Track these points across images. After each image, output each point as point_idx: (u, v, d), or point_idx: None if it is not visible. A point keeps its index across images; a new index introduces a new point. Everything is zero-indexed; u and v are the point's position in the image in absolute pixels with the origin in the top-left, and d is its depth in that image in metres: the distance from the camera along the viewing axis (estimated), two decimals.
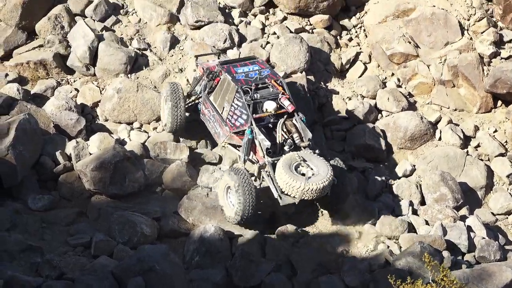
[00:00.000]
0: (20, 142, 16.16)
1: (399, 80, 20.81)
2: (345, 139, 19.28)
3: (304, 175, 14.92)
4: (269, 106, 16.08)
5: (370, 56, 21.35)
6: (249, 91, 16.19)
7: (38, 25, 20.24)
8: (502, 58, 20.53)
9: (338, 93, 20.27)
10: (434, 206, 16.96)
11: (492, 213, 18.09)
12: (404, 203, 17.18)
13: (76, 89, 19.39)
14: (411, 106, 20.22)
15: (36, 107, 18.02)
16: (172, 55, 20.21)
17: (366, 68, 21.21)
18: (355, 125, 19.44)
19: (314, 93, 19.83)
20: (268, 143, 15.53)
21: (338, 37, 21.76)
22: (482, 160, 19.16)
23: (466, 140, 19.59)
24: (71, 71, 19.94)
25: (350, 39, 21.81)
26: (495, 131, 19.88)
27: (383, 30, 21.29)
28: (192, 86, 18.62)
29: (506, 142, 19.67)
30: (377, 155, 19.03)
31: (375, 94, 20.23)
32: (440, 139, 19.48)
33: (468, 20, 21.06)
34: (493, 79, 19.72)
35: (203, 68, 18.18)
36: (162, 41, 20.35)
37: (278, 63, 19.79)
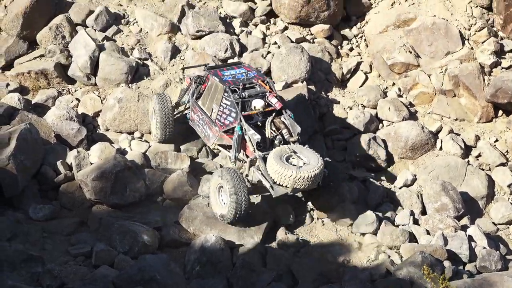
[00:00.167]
0: (21, 152, 16.14)
1: (400, 89, 20.84)
2: (346, 149, 19.28)
3: (296, 166, 15.11)
4: (257, 104, 16.27)
5: (371, 65, 21.39)
6: (236, 90, 16.44)
7: (39, 35, 20.29)
8: (503, 68, 20.56)
9: (339, 102, 20.29)
10: (435, 216, 16.93)
11: (493, 222, 18.06)
12: (405, 212, 17.14)
13: (77, 98, 19.41)
14: (412, 116, 20.24)
15: (37, 116, 18.01)
16: (173, 65, 20.23)
17: (367, 78, 21.25)
18: (356, 134, 19.44)
19: (315, 102, 19.84)
20: (258, 136, 15.76)
21: (339, 46, 21.82)
22: (483, 169, 19.16)
23: (467, 150, 19.58)
24: (72, 81, 19.96)
25: (351, 49, 21.86)
26: (496, 140, 19.89)
27: (384, 39, 21.34)
28: (179, 96, 18.70)
29: (507, 151, 19.67)
30: (378, 164, 19.02)
31: (376, 104, 20.26)
32: (441, 148, 19.48)
33: (469, 29, 21.10)
34: (494, 88, 19.73)
35: (190, 78, 18.36)
36: (163, 50, 20.38)
37: (279, 73, 19.85)
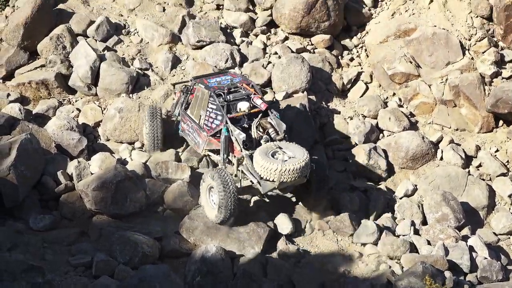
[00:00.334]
0: (22, 162, 16.15)
1: (400, 100, 20.84)
2: (346, 159, 19.27)
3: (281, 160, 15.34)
4: (242, 106, 16.61)
5: (371, 76, 21.41)
6: (222, 94, 16.76)
7: (40, 45, 20.33)
8: (503, 78, 20.57)
9: (339, 112, 20.29)
10: (436, 226, 16.92)
11: (494, 233, 18.03)
12: (406, 223, 17.13)
13: (77, 109, 19.42)
14: (413, 126, 20.24)
15: (38, 127, 18.04)
16: (174, 75, 20.25)
17: (367, 88, 21.26)
18: (357, 144, 19.44)
19: (315, 112, 19.86)
20: (244, 135, 16.06)
21: (340, 57, 21.84)
22: (483, 180, 19.14)
23: (468, 160, 19.58)
24: (72, 91, 19.98)
25: (352, 59, 21.88)
26: (497, 150, 19.88)
27: (384, 50, 21.36)
28: (171, 109, 18.87)
29: (507, 162, 19.67)
30: (378, 174, 19.01)
31: (376, 114, 20.26)
32: (441, 159, 19.48)
33: (469, 40, 21.12)
34: (494, 99, 19.73)
35: (179, 92, 18.55)
36: (164, 61, 20.40)
37: (280, 83, 19.89)
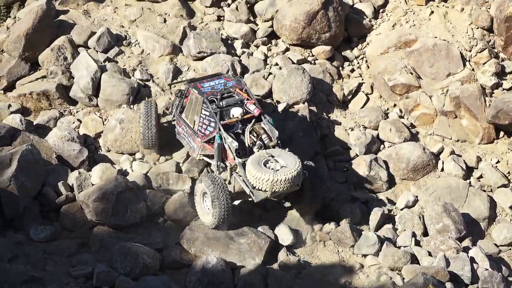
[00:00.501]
0: (23, 173, 16.16)
1: (401, 111, 20.85)
2: (347, 170, 19.26)
3: (273, 170, 15.45)
4: (235, 112, 16.72)
5: (372, 87, 21.41)
6: (215, 100, 16.84)
7: (41, 56, 20.34)
8: (504, 89, 20.58)
9: (340, 123, 20.29)
10: (437, 237, 16.90)
11: (495, 244, 18.00)
12: (407, 234, 17.12)
13: (78, 120, 19.43)
14: (414, 137, 20.24)
15: (39, 138, 18.05)
16: (175, 86, 20.25)
17: (368, 99, 21.26)
18: (358, 155, 19.45)
19: (316, 123, 19.87)
20: (236, 143, 16.16)
21: (340, 68, 21.85)
22: (484, 191, 19.13)
23: (469, 171, 19.57)
24: (73, 102, 19.98)
25: (352, 70, 21.88)
26: (498, 162, 19.87)
27: (385, 61, 21.37)
28: (171, 111, 19.13)
29: (508, 173, 19.66)
30: (379, 186, 19.00)
31: (377, 125, 20.26)
32: (442, 170, 19.47)
33: (470, 51, 21.14)
34: (495, 110, 19.74)
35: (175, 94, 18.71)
36: (165, 72, 20.41)
37: (281, 94, 19.90)
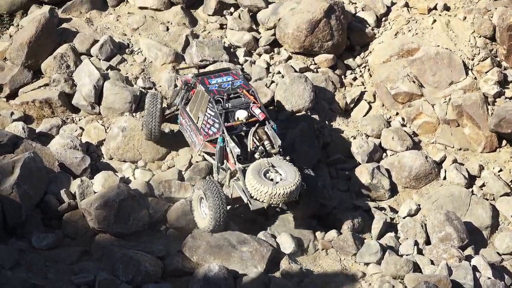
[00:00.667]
0: (25, 180, 16.15)
1: (403, 119, 20.83)
2: (350, 178, 19.25)
3: (273, 181, 15.46)
4: (240, 115, 16.66)
5: (374, 95, 21.41)
6: (221, 100, 16.79)
7: (44, 64, 20.38)
8: (506, 98, 20.56)
9: (342, 132, 20.30)
10: (439, 246, 16.87)
11: (497, 253, 17.96)
12: (409, 242, 17.08)
13: (81, 127, 19.45)
14: (416, 145, 20.23)
15: (41, 145, 18.05)
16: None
17: (370, 107, 21.25)
18: (360, 164, 19.44)
19: (318, 132, 19.87)
20: (238, 149, 16.13)
21: (343, 76, 21.84)
22: (487, 199, 19.09)
23: (471, 180, 19.54)
24: (76, 110, 20.01)
25: (355, 79, 21.88)
26: (500, 170, 19.85)
27: (387, 69, 21.38)
28: (172, 97, 19.08)
29: (511, 181, 19.63)
30: (381, 194, 18.99)
31: (379, 133, 20.25)
32: (445, 178, 19.44)
33: (472, 60, 21.14)
34: (497, 118, 19.73)
35: (181, 81, 18.60)
36: (167, 80, 20.42)
37: (283, 102, 19.89)
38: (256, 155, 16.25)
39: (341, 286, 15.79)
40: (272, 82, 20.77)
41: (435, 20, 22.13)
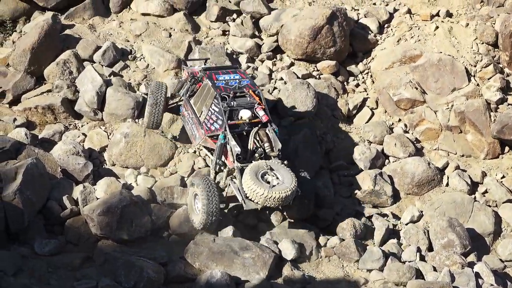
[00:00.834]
0: (27, 186, 16.14)
1: (406, 125, 20.84)
2: (352, 185, 19.25)
3: (269, 183, 15.47)
4: (244, 115, 16.70)
5: (377, 101, 21.43)
6: (226, 98, 16.87)
7: (47, 70, 20.41)
8: (509, 104, 20.58)
9: (345, 138, 20.29)
10: (442, 252, 16.85)
11: (500, 259, 17.95)
12: (412, 249, 17.06)
13: (83, 133, 19.45)
14: (418, 152, 20.23)
15: (44, 151, 18.05)
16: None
17: (373, 114, 21.27)
18: (362, 170, 19.43)
19: (321, 138, 19.88)
20: (239, 149, 16.17)
21: (345, 82, 21.87)
22: (489, 206, 19.08)
23: (474, 186, 19.54)
24: (79, 116, 20.03)
25: (357, 85, 21.91)
26: (503, 177, 19.84)
27: (390, 76, 21.40)
28: (176, 88, 19.07)
29: None
30: (384, 200, 18.98)
31: (382, 140, 20.26)
32: (447, 185, 19.44)
33: (475, 66, 21.16)
34: (500, 125, 19.74)
35: (187, 72, 18.73)
36: (170, 86, 20.42)
37: (285, 109, 19.87)
38: (256, 156, 16.32)
39: None
40: (275, 88, 20.79)
41: (437, 27, 22.17)
